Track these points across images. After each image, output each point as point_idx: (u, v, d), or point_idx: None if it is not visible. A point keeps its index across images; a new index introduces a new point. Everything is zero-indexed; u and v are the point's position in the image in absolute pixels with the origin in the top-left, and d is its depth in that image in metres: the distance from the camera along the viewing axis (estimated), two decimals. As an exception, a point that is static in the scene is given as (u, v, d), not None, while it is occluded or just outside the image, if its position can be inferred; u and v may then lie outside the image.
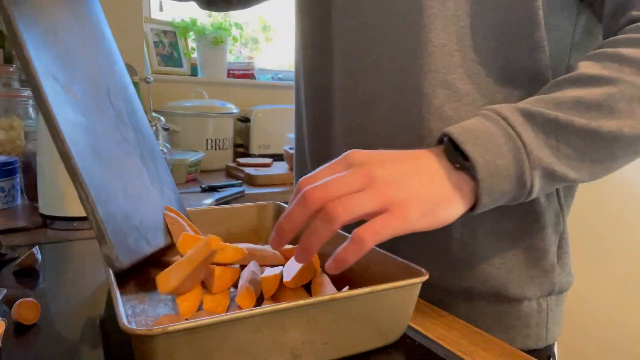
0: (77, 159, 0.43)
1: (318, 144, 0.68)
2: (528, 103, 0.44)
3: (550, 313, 0.59)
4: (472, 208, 0.44)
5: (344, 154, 0.43)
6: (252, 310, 0.35)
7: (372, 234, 0.38)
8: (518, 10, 0.51)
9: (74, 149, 0.44)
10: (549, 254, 0.57)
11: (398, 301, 0.43)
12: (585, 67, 0.45)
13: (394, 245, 0.49)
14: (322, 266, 0.58)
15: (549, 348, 0.61)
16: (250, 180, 1.35)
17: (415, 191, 0.40)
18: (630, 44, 0.45)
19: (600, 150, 0.44)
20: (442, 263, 0.58)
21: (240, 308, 0.44)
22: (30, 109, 1.15)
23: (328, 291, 0.50)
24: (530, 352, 0.47)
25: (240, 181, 1.34)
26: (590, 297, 1.86)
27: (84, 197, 0.44)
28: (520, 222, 0.56)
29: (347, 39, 0.60)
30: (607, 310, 1.82)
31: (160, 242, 0.52)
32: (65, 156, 0.43)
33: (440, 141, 0.46)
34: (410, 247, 0.56)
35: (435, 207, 0.41)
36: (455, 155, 0.43)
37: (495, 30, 0.51)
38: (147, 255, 0.49)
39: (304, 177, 0.42)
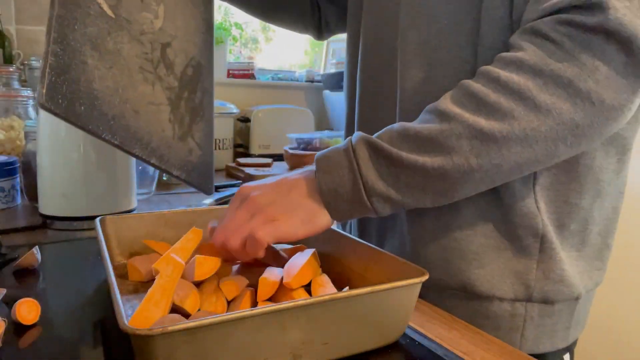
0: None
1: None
2: (387, 133, 0.50)
3: (529, 321, 0.57)
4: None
5: (237, 190, 0.54)
6: (252, 310, 0.35)
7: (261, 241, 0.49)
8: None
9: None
10: (523, 256, 0.56)
11: (398, 301, 0.43)
12: (443, 99, 0.49)
13: (364, 228, 0.68)
14: (323, 267, 0.58)
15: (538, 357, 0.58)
16: (250, 180, 1.35)
17: (289, 209, 0.50)
18: (485, 77, 0.47)
19: (434, 183, 0.48)
20: (416, 253, 0.60)
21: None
22: (30, 109, 1.15)
23: (328, 291, 0.50)
24: None
25: (240, 181, 1.34)
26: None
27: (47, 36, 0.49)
28: (492, 220, 0.56)
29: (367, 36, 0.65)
30: (607, 310, 1.82)
31: (123, 141, 0.53)
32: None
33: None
34: (380, 234, 0.65)
35: (308, 219, 0.50)
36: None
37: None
38: (81, 125, 0.50)
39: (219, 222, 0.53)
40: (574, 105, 0.44)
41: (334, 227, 0.58)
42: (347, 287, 0.51)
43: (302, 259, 0.51)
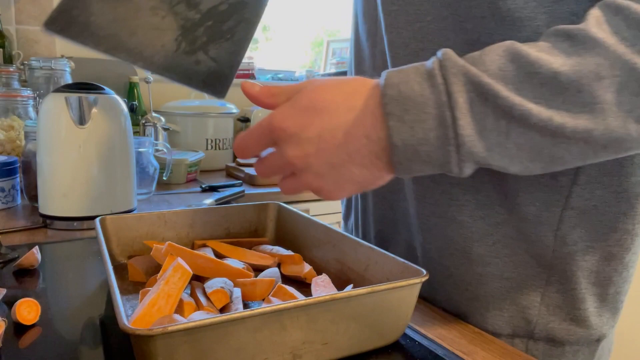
0: None
1: None
2: (490, 65, 0.35)
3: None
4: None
5: (267, 120, 0.42)
6: (252, 310, 0.35)
7: (286, 188, 0.44)
8: None
9: None
10: (523, 288, 0.48)
11: (398, 301, 0.43)
12: (591, 19, 0.34)
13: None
14: (323, 267, 0.58)
15: None
16: (250, 180, 1.35)
17: (338, 180, 0.41)
18: (605, 13, 0.34)
19: (562, 149, 0.35)
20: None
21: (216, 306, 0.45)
22: (30, 109, 1.15)
23: (328, 291, 0.50)
24: None
25: (240, 181, 1.34)
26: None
27: None
28: (494, 247, 0.49)
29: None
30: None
31: (108, 49, 0.52)
32: None
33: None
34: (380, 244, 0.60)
35: (360, 188, 0.42)
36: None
37: None
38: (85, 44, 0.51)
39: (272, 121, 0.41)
40: None
41: (334, 227, 0.58)
42: (351, 286, 0.51)
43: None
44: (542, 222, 0.46)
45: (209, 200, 0.99)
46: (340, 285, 0.53)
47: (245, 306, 0.48)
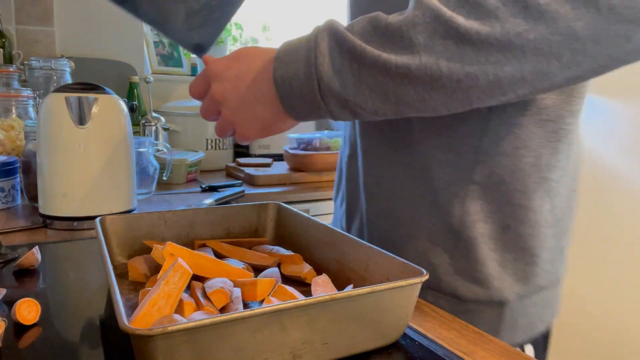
0: None
1: None
2: (356, 24, 0.44)
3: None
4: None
5: (204, 68, 0.55)
6: (252, 310, 0.35)
7: (219, 130, 0.55)
8: None
9: None
10: (436, 250, 0.57)
11: (398, 301, 0.43)
12: None
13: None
14: (323, 267, 0.58)
15: None
16: (250, 180, 1.35)
17: (247, 118, 0.51)
18: None
19: (398, 87, 0.42)
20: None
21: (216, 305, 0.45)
22: (30, 109, 1.15)
23: (328, 291, 0.50)
24: None
25: (240, 181, 1.34)
26: (588, 297, 1.86)
27: None
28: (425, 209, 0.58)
29: None
30: (606, 310, 1.82)
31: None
32: None
33: None
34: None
35: (266, 126, 0.52)
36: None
37: None
38: None
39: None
40: (574, 9, 0.35)
41: (334, 227, 0.58)
42: (351, 286, 0.51)
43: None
44: (451, 194, 0.55)
45: (209, 200, 0.99)
46: (340, 285, 0.53)
47: (245, 306, 0.48)
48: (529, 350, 0.60)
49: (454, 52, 0.39)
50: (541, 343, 0.63)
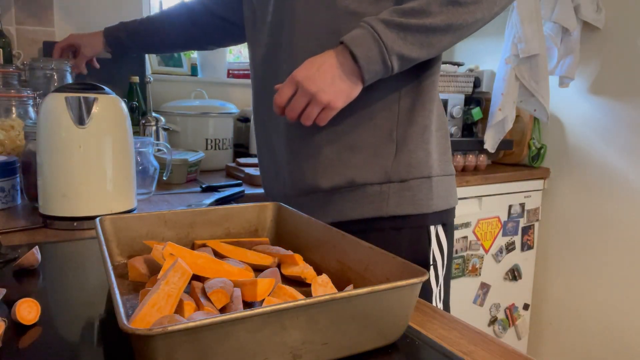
0: None
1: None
2: (386, 14, 0.72)
3: (392, 194, 0.82)
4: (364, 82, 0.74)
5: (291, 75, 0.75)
6: (252, 310, 0.35)
7: (307, 117, 0.74)
8: None
9: None
10: (385, 153, 0.82)
11: (398, 301, 0.43)
12: None
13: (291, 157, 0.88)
14: (323, 267, 0.58)
15: (398, 218, 0.83)
16: (250, 180, 1.35)
17: (337, 92, 0.73)
18: None
19: (430, 37, 0.72)
20: (314, 169, 0.84)
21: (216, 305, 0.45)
22: (30, 109, 1.15)
23: (328, 291, 0.50)
24: (376, 219, 0.82)
25: (240, 181, 1.34)
26: (588, 297, 1.86)
27: None
28: (366, 136, 0.82)
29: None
30: (606, 310, 1.82)
31: None
32: None
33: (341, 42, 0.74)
34: (292, 158, 0.86)
35: (350, 94, 0.74)
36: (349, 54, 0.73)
37: None
38: None
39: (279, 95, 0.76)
40: None
41: (334, 227, 0.58)
42: (351, 286, 0.51)
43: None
44: (389, 117, 0.83)
45: (209, 200, 0.99)
46: (340, 285, 0.53)
47: (245, 306, 0.48)
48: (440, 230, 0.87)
49: (454, 12, 0.70)
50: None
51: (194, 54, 1.91)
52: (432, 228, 0.85)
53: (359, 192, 0.83)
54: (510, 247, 1.90)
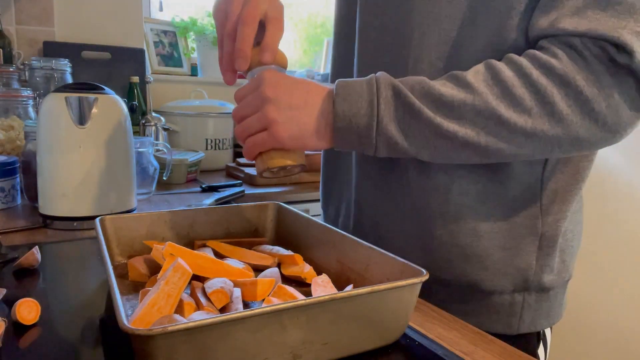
0: None
1: None
2: (407, 82, 0.53)
3: (527, 307, 0.63)
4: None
5: (263, 72, 0.56)
6: (252, 310, 0.35)
7: (253, 145, 0.55)
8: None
9: None
10: (522, 253, 0.61)
11: (398, 301, 0.43)
12: (472, 73, 0.52)
13: (381, 234, 0.67)
14: (323, 267, 0.58)
15: (528, 336, 0.64)
16: (250, 180, 1.35)
17: (292, 120, 0.54)
18: (517, 68, 0.50)
19: (441, 142, 0.52)
20: (424, 256, 0.63)
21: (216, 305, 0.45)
22: (30, 109, 1.15)
23: (328, 291, 0.50)
24: (500, 336, 0.51)
25: (240, 181, 1.34)
26: (588, 296, 1.86)
27: None
28: (496, 224, 0.60)
29: (367, 36, 0.65)
30: (608, 311, 1.82)
31: None
32: None
33: None
34: (397, 240, 0.65)
35: (302, 137, 0.54)
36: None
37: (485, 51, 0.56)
38: None
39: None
40: (582, 120, 0.49)
41: (334, 227, 0.58)
42: (351, 286, 0.51)
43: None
44: (528, 202, 0.60)
45: (209, 200, 0.99)
46: (340, 285, 0.53)
47: (245, 306, 0.48)
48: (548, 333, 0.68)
49: (492, 131, 0.50)
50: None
51: (194, 54, 1.91)
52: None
53: (481, 299, 0.64)
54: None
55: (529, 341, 0.64)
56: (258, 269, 0.57)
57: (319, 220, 0.62)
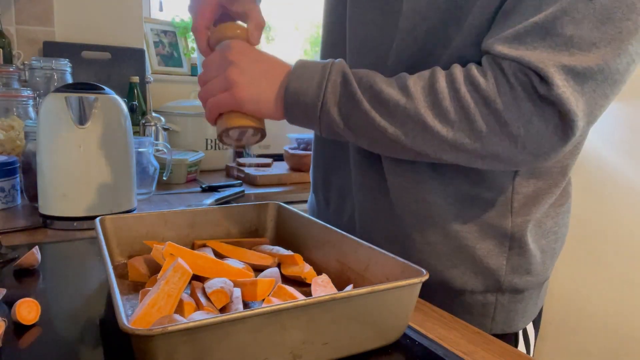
0: None
1: None
2: (357, 73, 0.56)
3: (500, 307, 0.64)
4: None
5: (230, 43, 0.60)
6: (252, 310, 0.35)
7: (213, 105, 0.58)
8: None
9: None
10: (492, 254, 0.62)
11: (398, 301, 0.43)
12: (416, 78, 0.54)
13: (364, 230, 0.68)
14: (323, 267, 0.58)
15: (503, 337, 0.65)
16: (250, 180, 1.35)
17: (252, 84, 0.57)
18: (451, 81, 0.52)
19: (375, 135, 0.55)
20: (401, 255, 0.62)
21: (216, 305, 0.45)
22: (30, 109, 1.15)
23: (328, 291, 0.50)
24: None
25: (240, 181, 1.34)
26: (589, 296, 1.86)
27: None
28: (466, 225, 0.61)
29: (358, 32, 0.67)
30: (604, 309, 1.82)
31: None
32: None
33: None
34: (376, 235, 0.67)
35: (260, 101, 0.57)
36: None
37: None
38: None
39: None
40: (501, 141, 0.50)
41: (334, 227, 0.58)
42: (351, 286, 0.51)
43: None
44: (498, 204, 0.62)
45: (209, 200, 0.99)
46: (340, 285, 0.53)
47: (245, 306, 0.48)
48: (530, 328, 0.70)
49: (417, 135, 0.53)
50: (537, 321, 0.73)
51: (194, 54, 1.91)
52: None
53: (453, 298, 0.66)
54: (510, 247, 1.90)
55: (506, 342, 0.65)
56: (258, 269, 0.57)
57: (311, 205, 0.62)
